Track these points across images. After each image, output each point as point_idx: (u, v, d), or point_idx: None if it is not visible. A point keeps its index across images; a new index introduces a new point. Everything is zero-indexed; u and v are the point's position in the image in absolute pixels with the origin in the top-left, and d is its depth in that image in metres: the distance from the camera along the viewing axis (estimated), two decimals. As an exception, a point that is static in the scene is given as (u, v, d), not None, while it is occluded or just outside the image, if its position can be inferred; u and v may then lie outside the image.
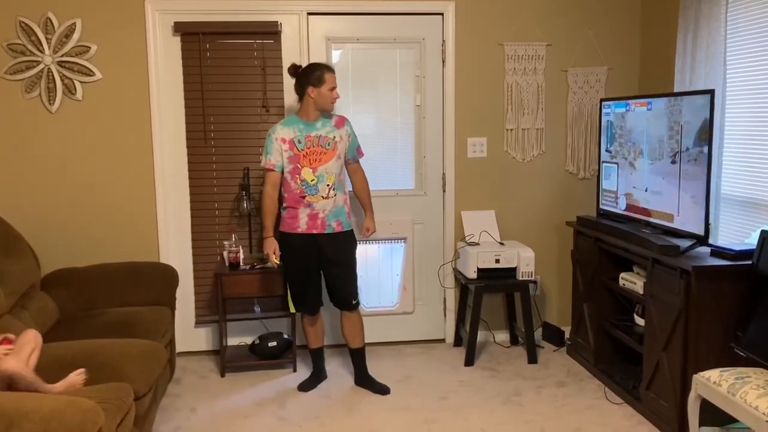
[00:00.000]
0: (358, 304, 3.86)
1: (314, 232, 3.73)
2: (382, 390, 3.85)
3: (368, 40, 4.36)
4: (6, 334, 2.71)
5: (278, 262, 3.76)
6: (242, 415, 3.59)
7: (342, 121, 3.80)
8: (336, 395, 3.83)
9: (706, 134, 3.22)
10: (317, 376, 3.99)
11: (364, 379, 3.93)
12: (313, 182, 3.69)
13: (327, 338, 4.32)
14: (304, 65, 3.78)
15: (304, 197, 3.70)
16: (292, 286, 3.86)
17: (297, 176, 3.69)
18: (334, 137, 3.73)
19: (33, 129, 4.13)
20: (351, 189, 3.96)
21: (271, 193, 3.73)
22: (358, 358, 3.94)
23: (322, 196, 3.71)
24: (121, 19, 4.12)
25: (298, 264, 3.77)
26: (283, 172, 3.72)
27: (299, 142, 3.69)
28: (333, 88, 3.69)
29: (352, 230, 3.86)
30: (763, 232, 2.95)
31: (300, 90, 3.72)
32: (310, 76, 3.66)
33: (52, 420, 2.23)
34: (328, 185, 3.71)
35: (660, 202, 3.60)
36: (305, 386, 3.92)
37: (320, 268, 3.82)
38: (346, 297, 3.82)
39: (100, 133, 4.20)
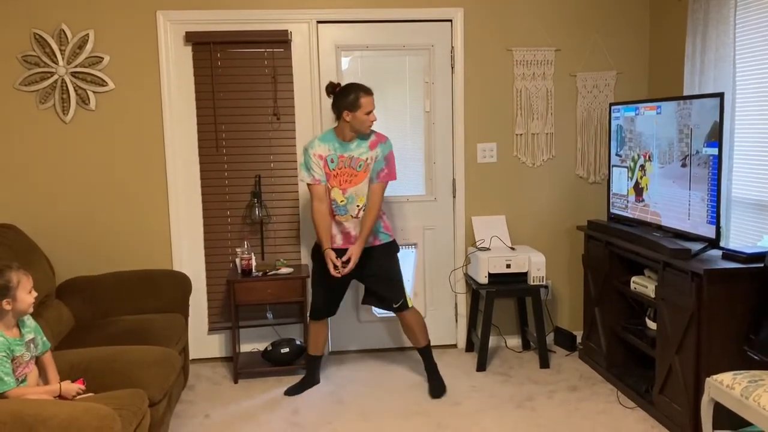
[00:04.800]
0: (402, 307, 3.85)
1: (349, 247, 3.73)
2: (436, 390, 3.86)
3: (377, 48, 4.39)
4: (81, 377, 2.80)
5: (338, 272, 3.65)
6: (255, 421, 3.61)
7: (376, 143, 3.71)
8: (349, 401, 3.84)
9: (716, 137, 3.22)
10: (305, 382, 4.00)
11: (429, 375, 3.96)
12: (342, 203, 3.69)
13: (349, 344, 4.34)
14: (342, 84, 3.68)
15: (335, 216, 3.72)
16: (314, 292, 3.88)
17: (328, 195, 3.70)
18: (366, 159, 3.69)
19: (47, 139, 4.18)
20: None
21: (320, 208, 3.67)
22: (423, 357, 3.97)
23: (352, 216, 3.72)
24: (133, 30, 4.17)
25: (327, 276, 3.72)
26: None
27: (332, 161, 3.67)
28: (369, 112, 3.61)
29: (391, 241, 3.86)
30: (774, 234, 2.95)
31: (336, 111, 3.66)
32: (345, 99, 3.58)
33: (70, 426, 2.27)
34: (358, 206, 3.71)
35: (670, 205, 3.60)
36: (293, 390, 3.94)
37: (354, 278, 3.84)
38: (389, 302, 3.85)
39: (114, 143, 4.24)
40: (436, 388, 3.89)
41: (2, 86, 4.10)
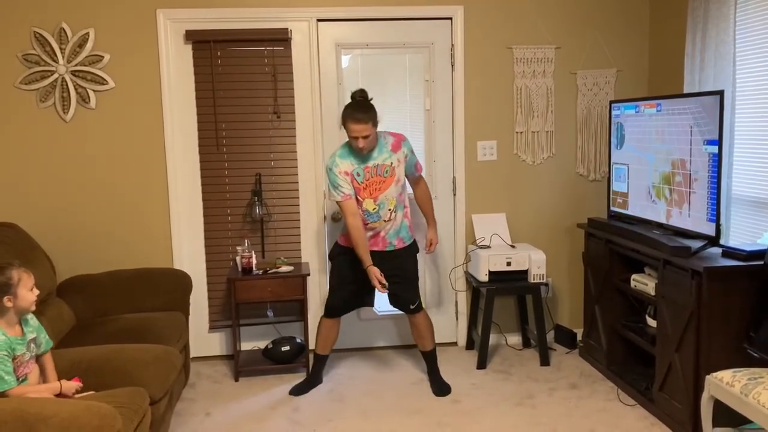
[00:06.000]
0: (417, 308, 3.88)
1: (375, 249, 3.75)
2: (440, 389, 3.88)
3: (377, 46, 4.39)
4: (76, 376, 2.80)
5: (386, 289, 3.64)
6: (256, 419, 3.61)
7: (398, 144, 3.75)
8: (349, 399, 3.85)
9: (715, 135, 3.22)
10: (312, 382, 4.01)
11: (431, 377, 3.98)
12: (375, 210, 3.71)
13: (349, 342, 4.34)
14: (356, 95, 3.68)
15: (366, 224, 3.72)
16: (332, 290, 3.90)
17: (359, 207, 3.70)
18: (392, 163, 3.71)
19: (47, 138, 4.18)
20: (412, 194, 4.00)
21: (356, 224, 3.63)
22: (426, 360, 3.99)
23: (384, 220, 3.75)
24: (133, 28, 4.17)
25: (348, 276, 3.75)
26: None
27: (358, 175, 3.68)
28: (355, 138, 3.55)
29: (413, 242, 3.90)
30: (774, 232, 2.95)
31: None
32: (342, 115, 3.61)
33: (71, 425, 2.27)
34: (389, 209, 3.74)
35: (670, 203, 3.59)
36: (298, 390, 3.93)
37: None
38: (405, 303, 3.88)
39: (114, 141, 4.24)
40: (440, 387, 3.90)
41: (2, 85, 4.10)
